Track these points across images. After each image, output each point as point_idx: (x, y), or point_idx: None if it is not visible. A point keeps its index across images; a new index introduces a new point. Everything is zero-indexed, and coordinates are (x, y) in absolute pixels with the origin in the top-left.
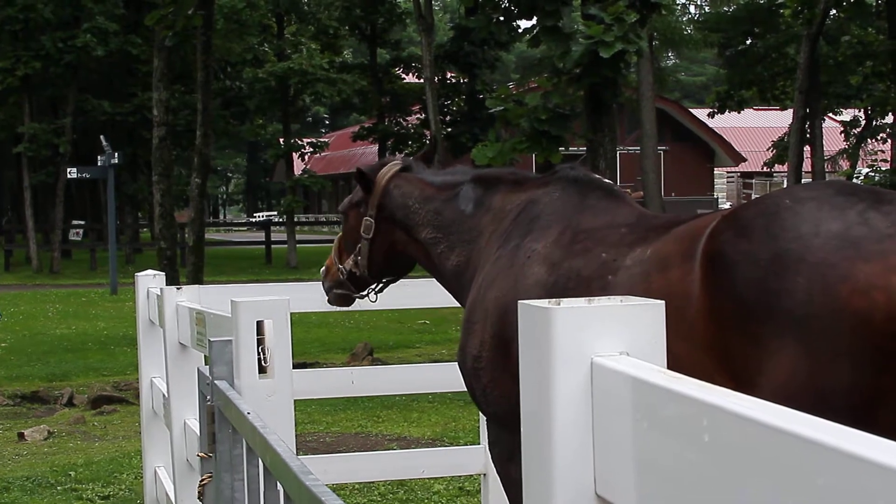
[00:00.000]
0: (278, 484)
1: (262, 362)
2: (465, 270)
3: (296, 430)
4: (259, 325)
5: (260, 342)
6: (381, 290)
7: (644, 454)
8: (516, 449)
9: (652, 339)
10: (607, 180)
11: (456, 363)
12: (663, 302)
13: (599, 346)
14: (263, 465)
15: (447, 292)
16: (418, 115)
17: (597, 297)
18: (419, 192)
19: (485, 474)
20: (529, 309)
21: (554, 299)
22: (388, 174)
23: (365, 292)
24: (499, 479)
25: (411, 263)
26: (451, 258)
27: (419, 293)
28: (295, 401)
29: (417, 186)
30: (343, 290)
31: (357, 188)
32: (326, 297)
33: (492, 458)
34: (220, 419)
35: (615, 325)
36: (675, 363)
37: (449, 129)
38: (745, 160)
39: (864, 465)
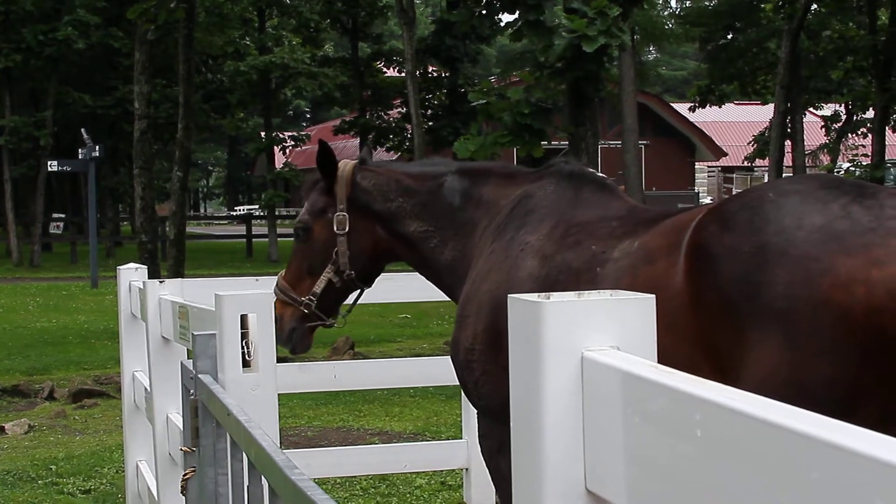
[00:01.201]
0: (263, 478)
1: (246, 356)
2: (461, 264)
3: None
4: (243, 318)
5: (244, 336)
6: (350, 310)
7: (635, 449)
8: (506, 441)
9: (642, 334)
10: (601, 174)
11: (437, 358)
12: (654, 296)
13: (590, 341)
14: (248, 459)
15: (433, 286)
16: (400, 109)
17: (587, 291)
18: (396, 184)
19: (467, 468)
20: (519, 303)
21: (544, 293)
22: (348, 166)
23: (332, 320)
24: (484, 472)
25: (387, 261)
26: (445, 252)
27: (400, 287)
28: (277, 395)
29: (392, 177)
30: (310, 323)
31: (312, 199)
32: (288, 348)
33: (481, 450)
34: (203, 413)
35: (605, 319)
36: (662, 355)
37: (430, 123)
38: (725, 155)
39: (858, 459)
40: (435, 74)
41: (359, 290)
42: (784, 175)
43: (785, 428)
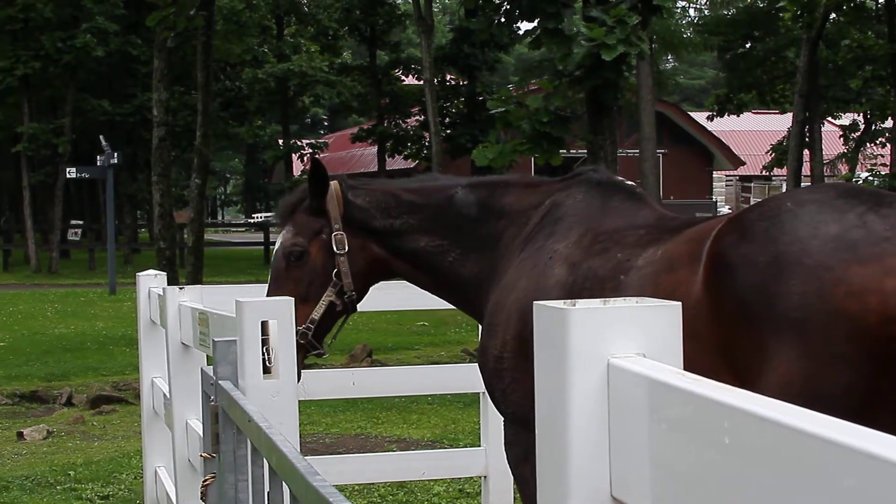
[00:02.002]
0: (284, 484)
1: (267, 362)
2: (489, 277)
3: None
4: (263, 325)
5: (264, 342)
6: (336, 336)
7: (661, 456)
8: (532, 450)
9: (668, 341)
10: (630, 182)
11: (455, 365)
12: (679, 303)
13: (615, 348)
14: (269, 465)
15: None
16: (417, 117)
17: (613, 298)
18: (396, 200)
19: (485, 476)
20: (545, 310)
21: (570, 300)
22: (337, 185)
23: (321, 349)
24: (503, 480)
25: (379, 280)
26: (467, 266)
27: (418, 295)
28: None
29: (390, 193)
30: (305, 354)
31: (300, 221)
32: None
33: (507, 458)
34: (223, 419)
35: (631, 327)
36: (684, 363)
37: (448, 131)
38: (743, 164)
39: (891, 468)
40: (453, 82)
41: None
42: (802, 184)
43: (816, 436)
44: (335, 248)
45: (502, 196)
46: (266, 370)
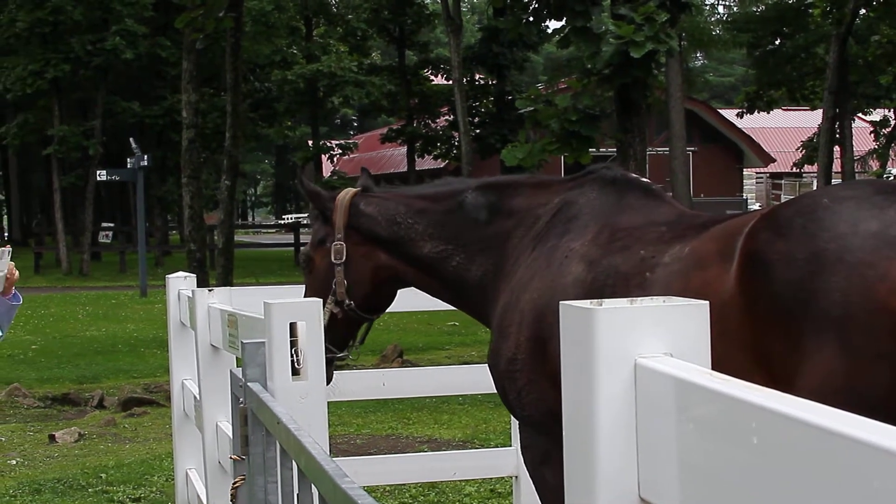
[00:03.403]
0: (313, 486)
1: (296, 364)
2: (494, 279)
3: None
4: (292, 326)
5: (293, 344)
6: (363, 340)
7: (689, 457)
8: (550, 451)
9: (696, 340)
10: (645, 179)
11: (486, 365)
12: (707, 302)
13: (643, 347)
14: (298, 467)
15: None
16: (447, 117)
17: (639, 298)
18: (406, 207)
19: (516, 476)
20: (571, 309)
21: (596, 300)
22: (348, 194)
23: (344, 352)
24: (531, 482)
25: (394, 292)
26: (472, 269)
27: None
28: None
29: (401, 201)
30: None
31: (314, 229)
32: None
33: (524, 461)
34: (253, 421)
35: (658, 326)
36: (714, 362)
37: (478, 131)
38: (774, 161)
39: None
40: (482, 82)
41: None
42: (833, 181)
43: (845, 436)
44: (333, 258)
45: (511, 197)
46: (295, 372)
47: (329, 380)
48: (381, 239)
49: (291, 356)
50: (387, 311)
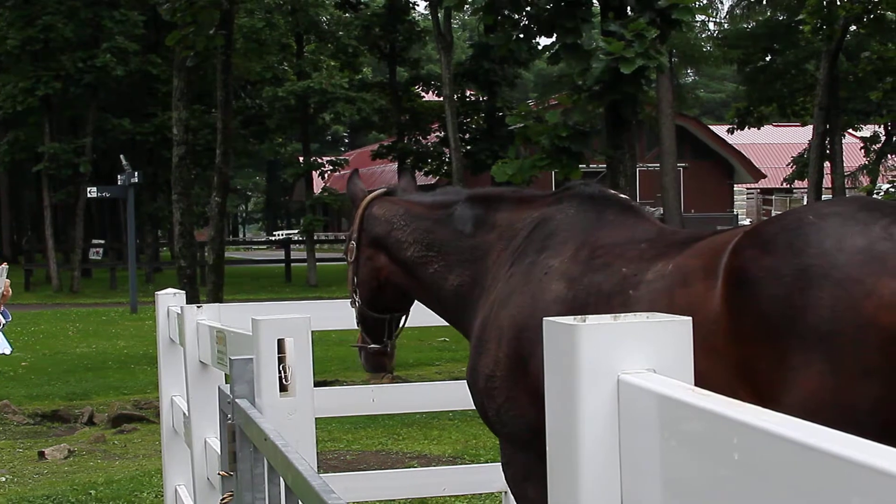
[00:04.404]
0: (300, 503)
1: (284, 380)
2: (471, 291)
3: (316, 449)
4: (280, 343)
5: (281, 360)
6: (392, 337)
7: (672, 472)
8: (532, 468)
9: (679, 356)
10: (624, 196)
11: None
12: (690, 318)
13: (626, 363)
14: (285, 483)
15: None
16: (437, 133)
17: (623, 314)
18: (405, 212)
19: (505, 492)
20: (554, 326)
21: (579, 316)
22: (369, 196)
23: (379, 345)
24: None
25: (399, 294)
26: (449, 278)
27: None
28: (315, 419)
29: (403, 206)
30: (363, 346)
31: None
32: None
33: (506, 478)
34: (241, 438)
35: (642, 342)
36: (698, 379)
37: (468, 147)
38: (764, 176)
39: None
40: (473, 98)
41: (402, 317)
42: (823, 197)
43: (825, 451)
44: (348, 257)
45: (496, 211)
46: (283, 388)
47: (372, 368)
48: (380, 241)
49: (279, 373)
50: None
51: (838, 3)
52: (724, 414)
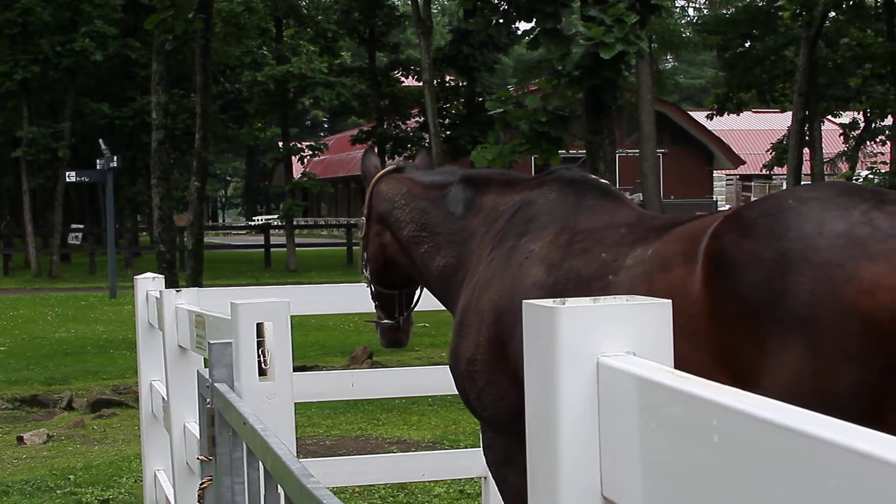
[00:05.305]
0: (279, 487)
1: (263, 365)
2: (455, 273)
3: (296, 434)
4: (259, 327)
5: (260, 344)
6: (404, 312)
7: (651, 455)
8: (512, 452)
9: (658, 339)
10: (604, 181)
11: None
12: (670, 301)
13: (605, 346)
14: (264, 467)
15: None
16: (417, 119)
17: (602, 297)
18: (406, 190)
19: (485, 477)
20: (534, 308)
21: (559, 299)
22: (379, 173)
23: (392, 320)
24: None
25: (399, 268)
26: (436, 259)
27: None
28: (295, 404)
29: (406, 185)
30: (376, 321)
31: None
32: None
33: (486, 462)
34: (220, 422)
35: (621, 325)
36: (678, 364)
37: (448, 132)
38: (744, 163)
39: (877, 465)
40: (452, 83)
41: (415, 292)
42: (803, 183)
43: (803, 433)
44: (360, 232)
45: (483, 193)
46: (262, 372)
47: (388, 343)
48: (384, 218)
49: (258, 357)
50: (355, 311)
51: None
52: (704, 396)
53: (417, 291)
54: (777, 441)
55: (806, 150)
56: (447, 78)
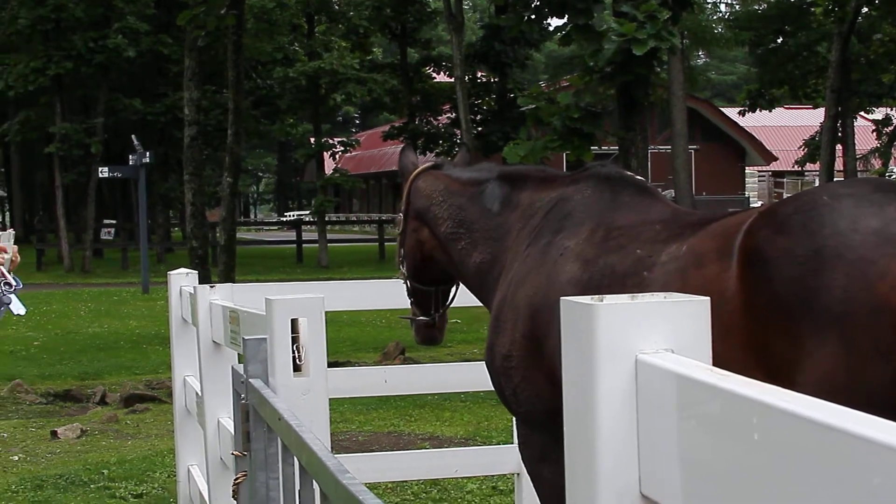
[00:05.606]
0: (314, 482)
1: (297, 360)
2: (491, 269)
3: None
4: (294, 323)
5: (294, 340)
6: (439, 309)
7: (690, 453)
8: (547, 448)
9: (697, 336)
10: (640, 177)
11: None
12: (708, 298)
13: (644, 343)
14: (299, 463)
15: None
16: (449, 115)
17: (640, 294)
18: (444, 187)
19: (518, 474)
20: (572, 305)
21: (597, 296)
22: (417, 169)
23: (428, 317)
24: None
25: (441, 267)
26: (473, 255)
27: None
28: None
29: (443, 181)
30: (412, 317)
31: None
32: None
33: (522, 458)
34: (254, 417)
35: (659, 322)
36: (713, 360)
37: (479, 129)
38: (776, 159)
39: None
40: (484, 80)
41: (451, 289)
42: (835, 179)
43: (845, 431)
44: (396, 228)
45: (520, 189)
46: (296, 368)
47: (422, 341)
48: (422, 215)
49: (293, 352)
50: (387, 307)
51: None
52: (744, 394)
53: (453, 288)
54: (819, 439)
55: (838, 147)
56: (479, 74)
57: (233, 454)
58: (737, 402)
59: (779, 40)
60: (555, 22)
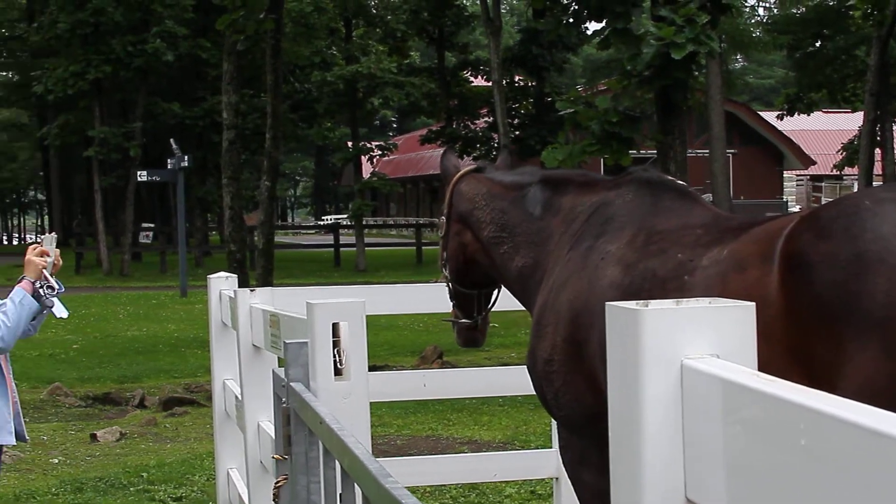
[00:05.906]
0: (356, 486)
1: (338, 364)
2: (533, 273)
3: None
4: (335, 327)
5: (335, 344)
6: (481, 312)
7: (736, 458)
8: (588, 452)
9: (742, 341)
10: (681, 182)
11: (525, 366)
12: (753, 304)
13: (689, 348)
14: (341, 467)
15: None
16: (486, 119)
17: (685, 299)
18: (487, 191)
19: (557, 478)
20: (617, 310)
21: (642, 301)
22: (459, 173)
23: (470, 320)
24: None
25: (483, 270)
26: (515, 259)
27: None
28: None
29: (486, 185)
30: (454, 320)
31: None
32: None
33: (563, 462)
34: (295, 421)
35: (705, 327)
36: (757, 366)
37: (517, 133)
38: (814, 163)
39: None
40: (521, 83)
41: (494, 292)
42: (874, 183)
43: (892, 437)
44: (439, 232)
45: (562, 194)
46: (337, 372)
47: (465, 343)
48: (465, 218)
49: (334, 356)
50: (424, 311)
51: None
52: (791, 399)
53: (495, 291)
54: (866, 445)
55: (877, 151)
56: (516, 78)
57: (273, 458)
58: (783, 408)
59: (817, 44)
60: (593, 26)
